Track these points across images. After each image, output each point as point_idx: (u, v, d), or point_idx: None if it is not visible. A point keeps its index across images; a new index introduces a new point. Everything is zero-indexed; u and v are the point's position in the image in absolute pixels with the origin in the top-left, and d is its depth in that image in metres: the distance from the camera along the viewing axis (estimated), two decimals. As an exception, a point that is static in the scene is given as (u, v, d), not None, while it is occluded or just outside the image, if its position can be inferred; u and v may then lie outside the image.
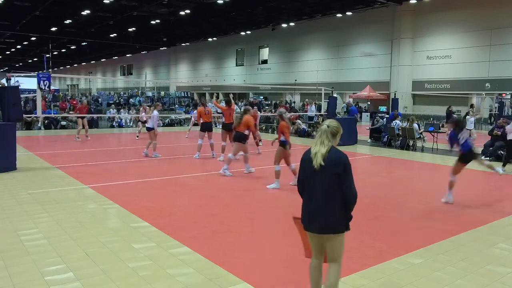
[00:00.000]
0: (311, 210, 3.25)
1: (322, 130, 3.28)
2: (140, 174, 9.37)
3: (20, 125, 19.14)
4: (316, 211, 3.21)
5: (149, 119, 12.03)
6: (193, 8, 32.82)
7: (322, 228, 3.20)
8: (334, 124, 3.30)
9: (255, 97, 38.89)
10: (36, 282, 3.87)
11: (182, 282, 3.93)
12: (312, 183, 3.23)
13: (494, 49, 26.37)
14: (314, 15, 34.75)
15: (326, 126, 3.29)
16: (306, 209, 3.30)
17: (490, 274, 4.27)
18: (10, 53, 62.43)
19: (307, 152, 3.35)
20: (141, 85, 54.44)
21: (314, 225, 3.23)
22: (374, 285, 3.97)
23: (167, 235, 5.20)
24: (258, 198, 7.43)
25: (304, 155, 3.35)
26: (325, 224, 3.19)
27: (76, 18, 36.36)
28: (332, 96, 16.66)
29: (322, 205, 3.19)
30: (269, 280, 4.02)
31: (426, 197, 7.71)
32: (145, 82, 58.38)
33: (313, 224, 3.24)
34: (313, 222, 3.23)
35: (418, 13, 29.91)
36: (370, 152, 14.19)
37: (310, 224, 3.26)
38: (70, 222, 5.67)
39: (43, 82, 10.71)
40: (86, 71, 76.86)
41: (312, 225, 3.24)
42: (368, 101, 33.58)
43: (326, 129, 3.26)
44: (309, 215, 3.26)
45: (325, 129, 3.27)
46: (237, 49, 47.11)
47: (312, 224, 3.24)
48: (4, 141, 9.13)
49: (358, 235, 5.37)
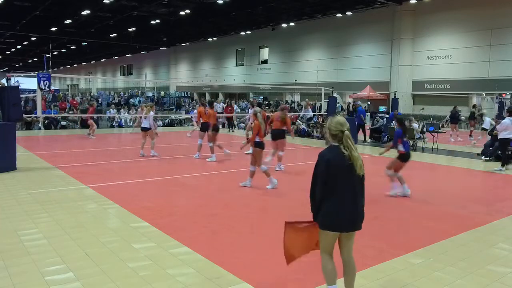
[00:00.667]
0: (352, 210, 3.33)
1: (349, 136, 3.29)
2: (140, 174, 9.37)
3: (20, 125, 19.13)
4: (358, 210, 3.37)
5: (144, 119, 11.97)
6: (193, 8, 32.82)
7: (359, 224, 3.41)
8: (348, 126, 3.34)
9: (254, 97, 38.89)
10: (36, 282, 3.87)
11: (182, 282, 3.93)
12: (349, 184, 3.29)
13: (494, 49, 26.36)
14: (314, 15, 34.74)
15: (347, 130, 3.31)
16: (346, 210, 3.30)
17: (490, 274, 4.27)
18: (10, 53, 62.44)
19: (332, 153, 3.30)
20: (141, 85, 54.50)
21: (358, 224, 3.39)
22: (374, 285, 3.97)
23: (167, 235, 5.20)
24: (258, 198, 7.42)
25: (330, 157, 3.28)
26: (362, 220, 3.42)
27: (76, 18, 36.36)
28: (332, 96, 16.66)
29: (361, 203, 3.40)
30: (269, 280, 4.02)
31: (426, 197, 7.71)
32: (145, 82, 58.42)
33: (358, 223, 3.38)
34: (357, 221, 3.37)
35: (418, 13, 29.90)
36: (370, 152, 14.19)
37: (355, 224, 3.37)
38: (70, 222, 5.67)
39: (43, 82, 10.70)
40: (86, 71, 76.85)
41: (357, 224, 3.38)
42: (368, 101, 33.58)
43: (349, 135, 3.30)
44: (351, 216, 3.33)
45: (348, 135, 3.29)
46: (237, 49, 47.10)
47: (357, 223, 3.38)
48: (4, 141, 9.13)
49: (358, 235, 5.33)
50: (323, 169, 3.27)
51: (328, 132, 3.36)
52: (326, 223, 3.31)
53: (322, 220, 3.33)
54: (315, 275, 3.51)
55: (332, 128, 3.32)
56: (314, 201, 3.37)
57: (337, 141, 3.31)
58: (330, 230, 3.32)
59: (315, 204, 3.36)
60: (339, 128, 3.29)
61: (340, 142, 3.29)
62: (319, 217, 3.34)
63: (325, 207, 3.30)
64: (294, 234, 3.49)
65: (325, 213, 3.31)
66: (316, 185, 3.32)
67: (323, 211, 3.31)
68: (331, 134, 3.34)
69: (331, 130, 3.33)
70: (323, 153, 3.35)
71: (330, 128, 3.34)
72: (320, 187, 3.28)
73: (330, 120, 3.40)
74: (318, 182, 3.30)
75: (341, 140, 3.28)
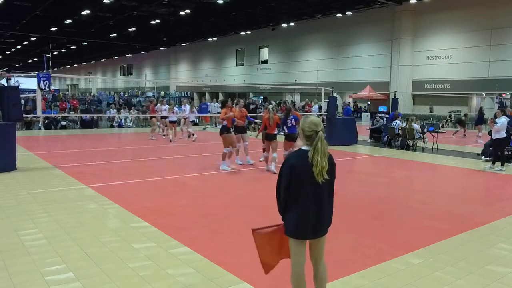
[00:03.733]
0: (315, 219, 3.12)
1: (322, 137, 3.06)
2: (140, 174, 9.37)
3: (20, 125, 19.14)
4: (322, 218, 3.16)
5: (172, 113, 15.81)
6: (193, 8, 32.83)
7: (326, 229, 3.21)
8: (322, 127, 3.14)
9: (254, 97, 38.90)
10: (36, 282, 3.87)
11: (182, 282, 3.93)
12: (314, 191, 3.08)
13: (494, 49, 26.37)
14: (314, 15, 34.76)
15: (321, 131, 3.09)
16: (309, 218, 3.10)
17: (490, 274, 4.27)
18: (10, 53, 62.46)
19: (298, 157, 3.11)
20: (141, 85, 54.51)
21: (323, 231, 3.19)
22: (374, 285, 3.97)
23: (167, 235, 5.20)
24: (258, 198, 7.42)
25: (296, 162, 3.09)
26: (328, 224, 3.23)
27: (76, 18, 36.38)
28: (332, 96, 16.66)
29: (328, 211, 3.21)
30: (269, 280, 4.01)
31: (426, 197, 7.71)
32: (145, 82, 58.44)
33: (322, 230, 3.18)
34: (321, 229, 3.17)
35: (418, 13, 29.91)
36: (370, 152, 14.19)
37: (318, 232, 3.17)
38: (70, 222, 5.67)
39: (43, 82, 10.70)
40: (86, 71, 76.87)
41: (321, 231, 3.18)
42: (368, 101, 33.59)
43: (322, 136, 3.05)
44: (314, 224, 3.12)
45: (321, 136, 3.04)
46: (237, 49, 47.12)
47: (321, 230, 3.18)
48: (4, 141, 9.12)
49: (358, 235, 5.37)
50: (286, 173, 3.09)
51: (302, 133, 3.13)
52: (289, 229, 3.16)
53: (286, 226, 3.19)
54: (308, 275, 3.51)
55: (306, 129, 3.09)
56: (280, 202, 3.21)
57: (310, 142, 3.07)
58: (293, 237, 3.16)
59: (280, 205, 3.21)
60: (313, 128, 3.06)
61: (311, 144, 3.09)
62: (284, 222, 3.21)
63: (288, 213, 3.14)
64: (264, 241, 3.29)
65: (288, 220, 3.16)
66: (280, 187, 3.17)
67: (287, 217, 3.17)
68: (304, 135, 3.11)
69: (305, 131, 3.09)
70: (289, 156, 3.20)
71: (303, 129, 3.10)
72: (283, 190, 3.12)
73: (303, 120, 3.16)
74: (282, 185, 3.13)
75: (313, 141, 3.06)
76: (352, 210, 6.56)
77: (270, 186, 8.58)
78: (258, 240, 3.28)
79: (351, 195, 7.62)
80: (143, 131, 20.51)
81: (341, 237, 5.23)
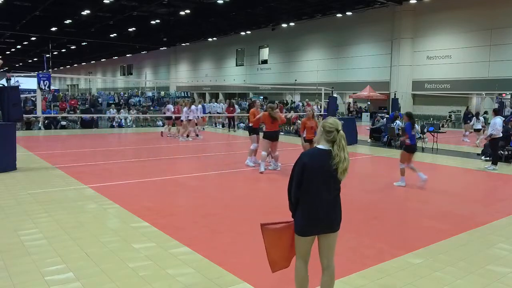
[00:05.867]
0: (327, 216, 3.19)
1: (344, 136, 3.15)
2: (140, 174, 9.37)
3: (20, 125, 19.13)
4: (334, 215, 3.23)
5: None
6: (193, 8, 32.83)
7: (336, 226, 3.25)
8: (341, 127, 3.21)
9: (254, 97, 38.88)
10: (36, 282, 3.87)
11: (182, 282, 3.93)
12: (326, 189, 3.15)
13: (494, 49, 26.37)
14: (314, 15, 34.76)
15: (342, 130, 3.16)
16: (320, 216, 3.16)
17: (490, 274, 4.27)
18: (10, 53, 62.45)
19: (312, 156, 3.19)
20: (141, 85, 54.50)
21: (334, 227, 3.24)
22: (374, 285, 3.97)
23: (167, 235, 5.20)
24: (258, 198, 7.43)
25: (308, 160, 3.16)
26: (339, 222, 3.28)
27: (76, 18, 36.38)
28: (332, 96, 16.66)
29: (338, 207, 3.27)
30: (269, 280, 4.02)
31: (426, 197, 7.71)
32: (145, 82, 58.43)
33: (334, 227, 3.24)
34: (333, 225, 3.23)
35: (418, 13, 29.90)
36: (370, 152, 14.19)
37: (330, 228, 3.22)
38: (70, 222, 5.67)
39: (43, 82, 10.70)
40: (86, 71, 76.86)
41: (333, 227, 3.24)
42: (368, 101, 33.58)
43: (343, 135, 3.16)
44: (325, 221, 3.19)
45: (343, 135, 3.14)
46: (237, 49, 47.11)
47: (333, 227, 3.23)
48: (4, 141, 9.12)
49: (358, 235, 5.37)
50: (298, 170, 3.16)
51: (322, 130, 3.20)
52: (298, 225, 3.20)
53: (295, 223, 3.22)
54: (315, 275, 3.50)
55: (327, 125, 3.17)
56: (291, 200, 3.27)
57: (330, 138, 3.14)
58: (300, 234, 3.20)
59: (291, 203, 3.26)
60: (334, 126, 3.16)
61: (333, 142, 3.14)
62: (294, 218, 3.24)
63: (300, 210, 3.20)
64: (273, 238, 3.30)
65: (298, 217, 3.21)
66: (291, 185, 3.22)
67: (298, 214, 3.21)
68: (325, 131, 3.17)
69: (326, 127, 3.17)
70: (303, 154, 3.26)
71: (324, 125, 3.19)
72: (294, 188, 3.19)
73: (325, 120, 3.28)
74: (294, 183, 3.19)
75: (334, 138, 3.14)
76: (352, 210, 6.56)
77: (270, 186, 8.59)
78: (267, 236, 3.28)
79: (351, 195, 7.62)
80: (143, 131, 20.52)
81: (341, 237, 5.16)
